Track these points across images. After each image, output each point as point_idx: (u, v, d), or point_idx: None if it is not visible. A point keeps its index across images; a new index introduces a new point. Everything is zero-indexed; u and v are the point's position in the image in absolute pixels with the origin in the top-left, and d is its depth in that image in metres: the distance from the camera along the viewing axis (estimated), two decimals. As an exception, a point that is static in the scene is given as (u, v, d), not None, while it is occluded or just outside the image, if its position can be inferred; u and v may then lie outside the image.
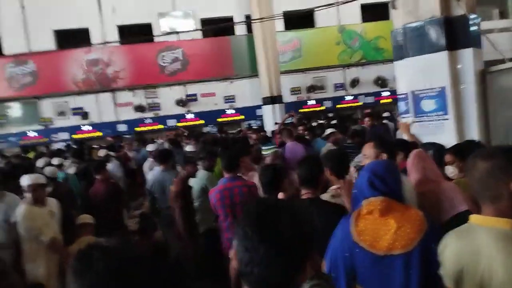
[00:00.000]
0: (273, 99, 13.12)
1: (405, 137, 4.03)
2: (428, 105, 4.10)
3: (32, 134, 14.25)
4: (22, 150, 12.94)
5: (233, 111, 15.20)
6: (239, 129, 13.87)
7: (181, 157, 5.72)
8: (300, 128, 7.56)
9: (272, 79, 13.08)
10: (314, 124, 9.85)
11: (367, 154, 2.79)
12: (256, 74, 13.69)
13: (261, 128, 11.91)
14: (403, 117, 4.36)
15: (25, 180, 3.71)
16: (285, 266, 0.97)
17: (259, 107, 13.95)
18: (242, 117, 15.19)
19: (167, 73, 14.66)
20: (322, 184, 2.58)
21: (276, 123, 11.12)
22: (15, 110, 14.39)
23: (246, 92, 15.04)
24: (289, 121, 8.90)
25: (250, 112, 15.00)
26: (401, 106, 4.42)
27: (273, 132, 8.79)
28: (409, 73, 4.24)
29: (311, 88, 15.84)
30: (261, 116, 14.03)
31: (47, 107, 14.45)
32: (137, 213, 7.59)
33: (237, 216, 3.43)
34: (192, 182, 4.44)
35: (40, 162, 6.84)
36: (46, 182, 3.98)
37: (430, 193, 2.24)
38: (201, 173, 4.46)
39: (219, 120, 15.09)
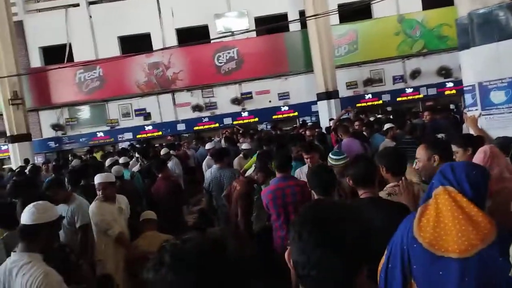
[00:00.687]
0: (328, 95, 12.90)
1: (472, 131, 3.78)
2: (497, 96, 3.79)
3: (100, 134, 15.26)
4: (87, 151, 13.88)
5: (288, 108, 15.16)
6: (294, 125, 13.82)
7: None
8: (357, 123, 7.36)
9: (327, 74, 12.85)
10: (371, 119, 9.54)
11: (419, 157, 2.61)
12: (311, 69, 13.52)
13: (316, 125, 11.76)
14: (470, 110, 4.08)
15: (97, 179, 3.99)
16: (343, 269, 0.95)
17: (314, 103, 13.79)
18: (297, 113, 15.10)
19: (223, 73, 14.97)
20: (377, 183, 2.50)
21: (330, 119, 10.92)
22: (84, 112, 15.49)
23: (300, 89, 14.92)
24: (345, 117, 8.69)
25: (305, 109, 14.86)
26: (468, 98, 4.14)
27: (328, 128, 8.64)
28: (476, 63, 3.95)
29: (368, 82, 15.32)
30: (316, 112, 13.85)
31: (113, 109, 15.39)
32: (195, 209, 7.87)
33: (289, 215, 3.42)
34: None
35: (108, 162, 7.31)
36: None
37: (505, 192, 2.09)
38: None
39: (274, 117, 15.12)
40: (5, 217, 3.16)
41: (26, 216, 2.28)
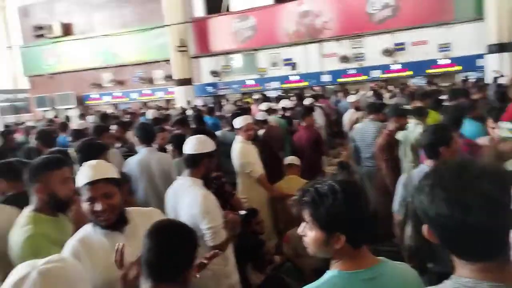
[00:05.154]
0: (502, 47, 10.97)
1: None
2: None
3: (249, 82, 16.21)
4: (242, 96, 14.98)
5: (448, 61, 13.46)
6: (452, 82, 12.32)
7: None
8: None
9: (503, 22, 10.86)
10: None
11: None
12: (481, 17, 11.59)
13: (482, 82, 10.25)
14: None
15: (243, 120, 4.29)
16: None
17: (480, 56, 11.94)
18: (459, 68, 13.30)
19: (375, 21, 13.99)
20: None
21: (497, 77, 9.34)
22: (237, 61, 16.54)
23: (466, 39, 12.96)
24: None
25: (468, 62, 12.97)
26: None
27: (499, 87, 7.43)
28: None
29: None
30: (482, 67, 12.00)
31: (263, 58, 16.03)
32: (335, 161, 7.88)
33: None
34: (400, 135, 4.25)
35: (253, 107, 7.77)
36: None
37: None
38: (412, 127, 4.21)
39: (429, 71, 13.67)
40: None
41: (189, 147, 2.62)
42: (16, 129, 9.11)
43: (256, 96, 12.88)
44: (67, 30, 18.41)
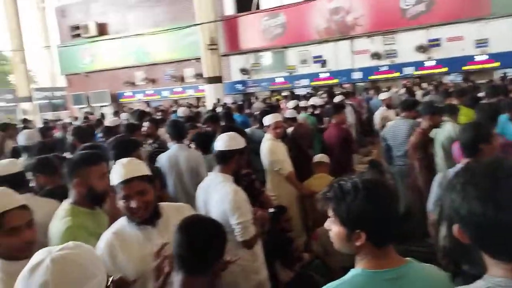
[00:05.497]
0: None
1: None
2: None
3: (279, 80, 16.18)
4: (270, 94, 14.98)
5: (485, 57, 12.95)
6: (489, 79, 11.84)
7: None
8: None
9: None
10: None
11: None
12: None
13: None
14: None
15: (272, 118, 4.29)
16: None
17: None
18: (497, 64, 12.76)
19: (409, 17, 13.65)
20: None
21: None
22: (266, 58, 16.55)
23: (504, 34, 12.42)
24: None
25: (507, 58, 12.42)
26: None
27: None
28: None
29: None
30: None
31: (292, 56, 15.96)
32: (366, 160, 7.75)
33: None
34: (434, 133, 4.14)
35: (283, 104, 7.77)
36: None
37: None
38: (448, 125, 4.09)
39: (465, 68, 13.19)
40: (204, 143, 3.80)
41: (221, 143, 2.66)
42: (53, 126, 9.48)
43: (284, 94, 12.89)
44: (102, 29, 18.99)
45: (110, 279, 1.07)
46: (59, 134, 7.96)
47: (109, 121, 7.00)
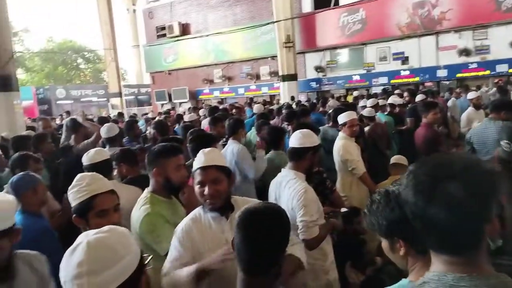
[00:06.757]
0: None
1: None
2: None
3: (355, 78, 15.68)
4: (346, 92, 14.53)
5: None
6: None
7: None
8: None
9: None
10: None
11: None
12: None
13: None
14: None
15: (346, 116, 4.17)
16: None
17: None
18: None
19: (504, 9, 12.39)
20: None
21: None
22: (343, 55, 16.13)
23: None
24: None
25: None
26: None
27: None
28: None
29: None
30: None
31: (370, 52, 15.37)
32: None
33: None
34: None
35: (361, 103, 7.51)
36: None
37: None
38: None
39: None
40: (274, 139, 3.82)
41: (294, 140, 2.64)
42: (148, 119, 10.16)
43: (355, 93, 12.50)
44: (184, 29, 19.95)
45: (149, 258, 1.16)
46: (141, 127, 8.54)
47: (187, 116, 7.53)
